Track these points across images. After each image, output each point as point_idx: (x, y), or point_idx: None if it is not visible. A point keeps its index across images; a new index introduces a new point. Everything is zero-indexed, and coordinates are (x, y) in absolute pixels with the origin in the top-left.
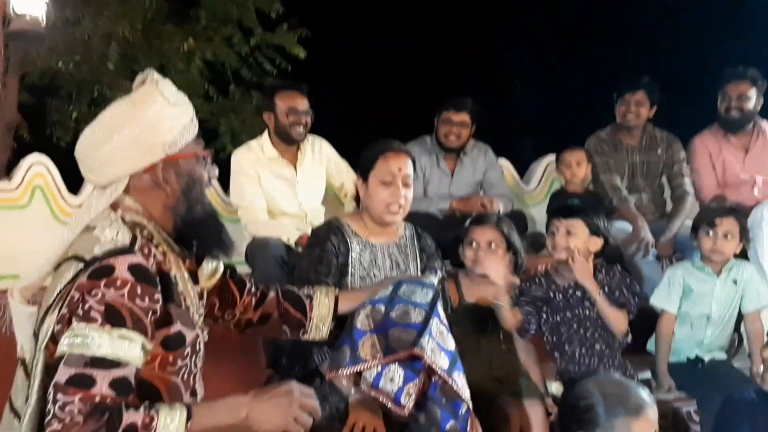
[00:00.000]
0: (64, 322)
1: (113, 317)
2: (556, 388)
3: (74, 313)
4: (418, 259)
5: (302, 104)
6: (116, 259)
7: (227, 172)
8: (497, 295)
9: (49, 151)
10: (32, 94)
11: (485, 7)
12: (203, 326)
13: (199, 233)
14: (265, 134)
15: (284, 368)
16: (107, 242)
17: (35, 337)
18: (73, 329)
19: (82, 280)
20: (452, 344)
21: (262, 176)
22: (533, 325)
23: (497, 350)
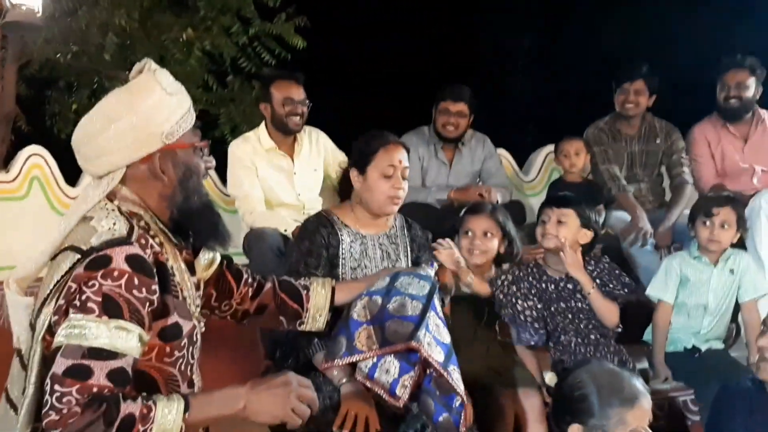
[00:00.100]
0: (61, 313)
1: (110, 308)
2: (549, 378)
3: (71, 304)
4: (408, 249)
5: (298, 94)
6: (113, 250)
7: (226, 162)
8: (463, 278)
9: (48, 142)
10: (31, 85)
11: None
12: (200, 317)
13: (195, 224)
14: (262, 125)
15: (279, 359)
16: (104, 233)
17: (32, 328)
18: (70, 320)
19: (79, 271)
20: (448, 337)
21: (259, 167)
22: (532, 336)
23: (493, 340)
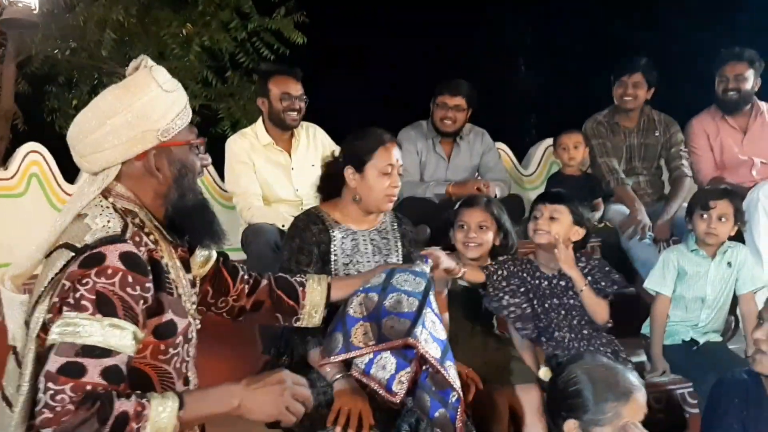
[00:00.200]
0: (55, 311)
1: (104, 306)
2: (543, 373)
3: (65, 301)
4: (399, 244)
5: (296, 89)
6: (107, 247)
7: (224, 158)
8: (456, 275)
9: (47, 139)
10: (31, 82)
11: None
12: (196, 314)
13: (190, 222)
14: (259, 121)
15: (274, 356)
16: (98, 230)
17: (26, 325)
18: (63, 318)
19: (73, 268)
20: (444, 334)
21: (256, 163)
22: (522, 330)
23: (491, 335)
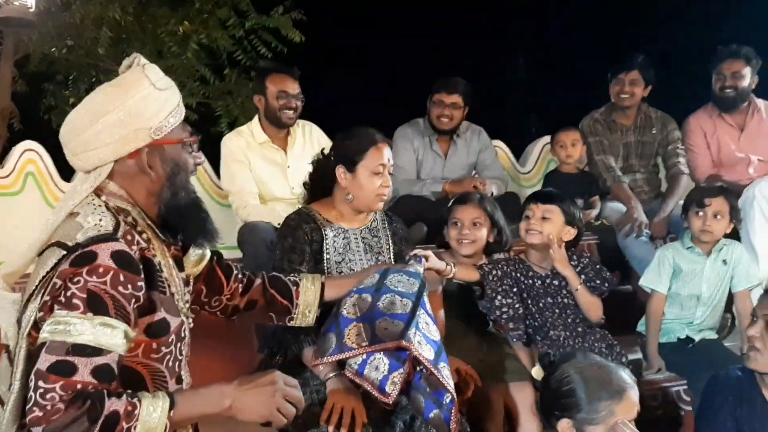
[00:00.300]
0: (46, 309)
1: (95, 305)
2: (536, 372)
3: (56, 300)
4: (390, 242)
5: (293, 88)
6: (99, 246)
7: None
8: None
9: (45, 137)
10: (28, 81)
11: None
12: (189, 313)
13: (183, 221)
14: (255, 119)
15: (268, 355)
16: (90, 229)
17: (18, 324)
18: (54, 316)
19: (64, 267)
20: (437, 335)
21: (252, 161)
22: (513, 330)
23: (485, 333)
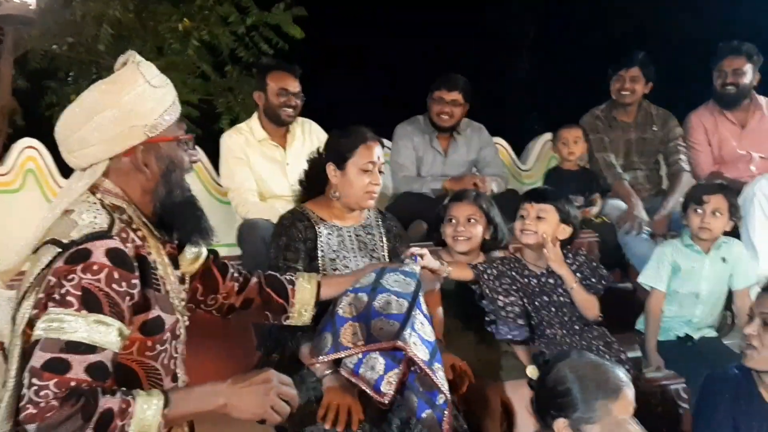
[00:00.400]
0: (40, 306)
1: (89, 302)
2: (530, 371)
3: (50, 297)
4: (384, 239)
5: (293, 86)
6: (93, 243)
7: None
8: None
9: (46, 134)
10: (29, 78)
11: None
12: (184, 311)
13: (178, 219)
14: (254, 116)
15: (265, 353)
16: (85, 226)
17: (13, 321)
18: (49, 314)
19: (58, 264)
20: (432, 335)
21: (251, 158)
22: (510, 330)
23: (483, 330)
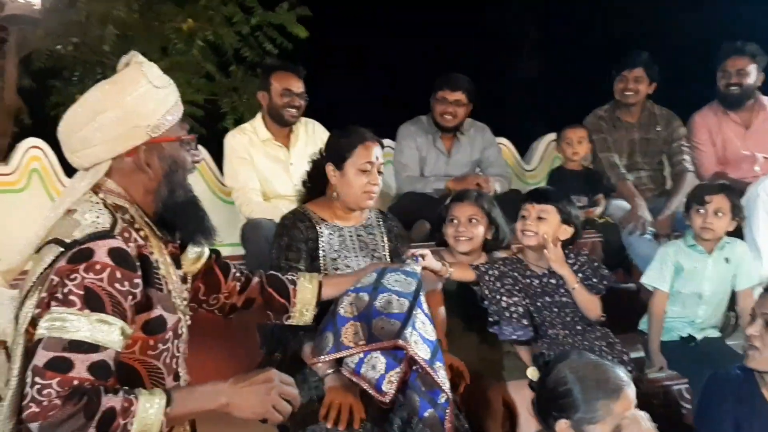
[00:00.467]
0: (43, 305)
1: (92, 301)
2: (531, 373)
3: (53, 296)
4: (386, 238)
5: (297, 86)
6: (96, 243)
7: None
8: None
9: (52, 134)
10: (35, 77)
11: None
12: (186, 310)
13: (180, 219)
14: (258, 116)
15: (268, 352)
16: (87, 226)
17: (16, 320)
18: (51, 313)
19: (61, 264)
20: (434, 335)
21: (255, 158)
22: (515, 331)
23: (485, 331)
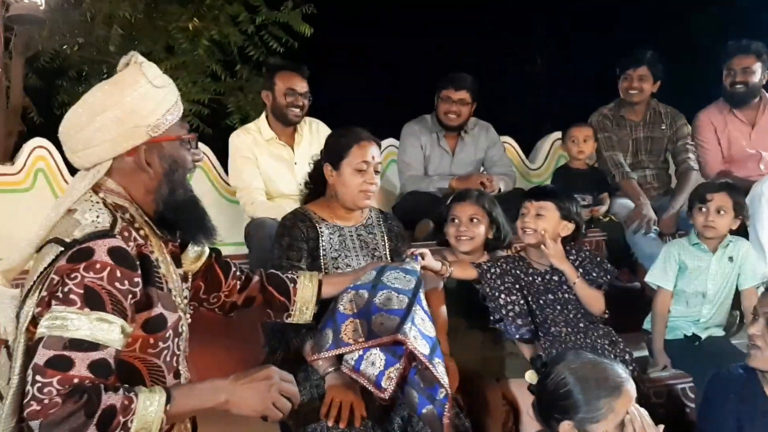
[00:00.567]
0: (43, 304)
1: (92, 300)
2: (529, 376)
3: (54, 295)
4: (386, 238)
5: (301, 86)
6: (96, 242)
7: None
8: (444, 273)
9: (58, 133)
10: (41, 76)
11: None
12: (187, 309)
13: (181, 218)
14: (262, 116)
15: (270, 350)
16: (87, 225)
17: (17, 319)
18: (52, 312)
19: (61, 263)
20: (433, 331)
21: (259, 158)
22: (518, 330)
23: (486, 329)
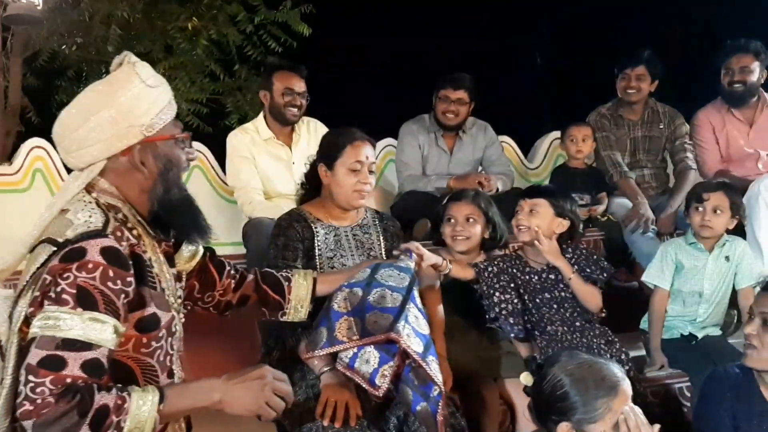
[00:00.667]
0: (36, 304)
1: (84, 300)
2: (524, 378)
3: (46, 295)
4: (382, 238)
5: (299, 86)
6: (88, 242)
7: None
8: (443, 270)
9: None
10: (40, 76)
11: None
12: (180, 308)
13: (175, 217)
14: (260, 115)
15: (266, 349)
16: (80, 225)
17: (10, 319)
18: (44, 312)
19: (54, 263)
20: (427, 329)
21: (257, 157)
22: (512, 329)
23: (483, 328)
